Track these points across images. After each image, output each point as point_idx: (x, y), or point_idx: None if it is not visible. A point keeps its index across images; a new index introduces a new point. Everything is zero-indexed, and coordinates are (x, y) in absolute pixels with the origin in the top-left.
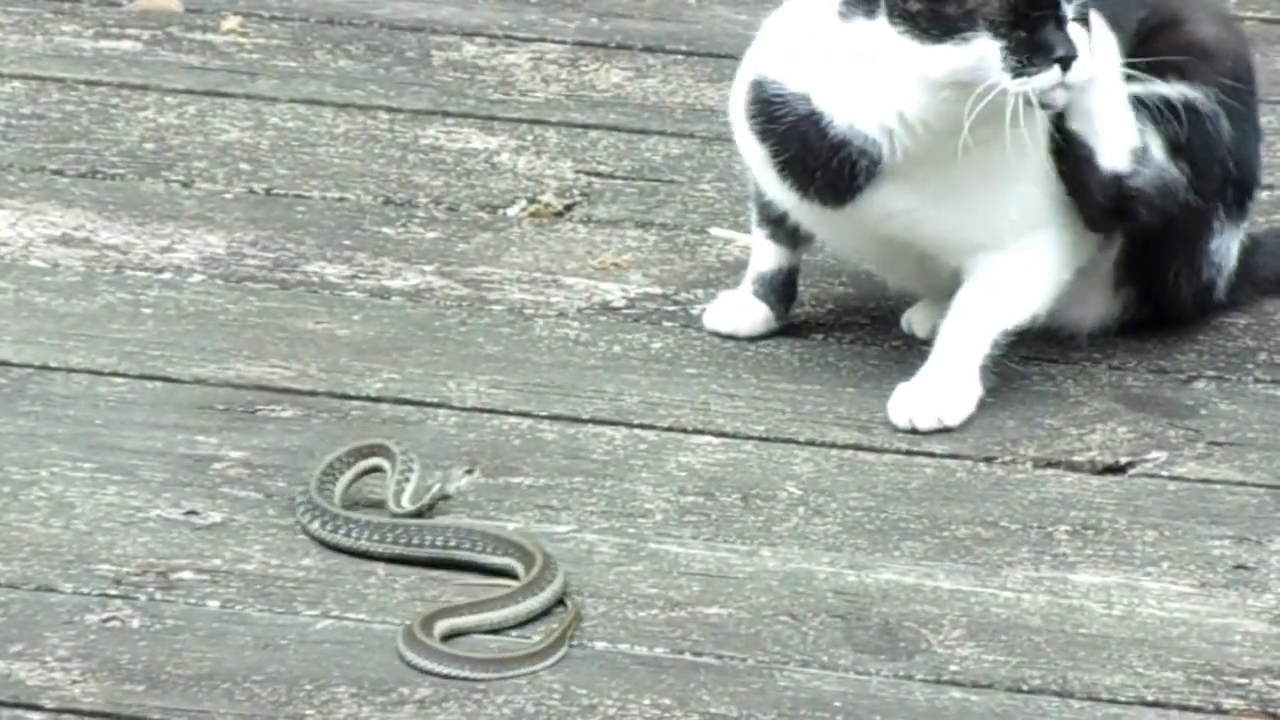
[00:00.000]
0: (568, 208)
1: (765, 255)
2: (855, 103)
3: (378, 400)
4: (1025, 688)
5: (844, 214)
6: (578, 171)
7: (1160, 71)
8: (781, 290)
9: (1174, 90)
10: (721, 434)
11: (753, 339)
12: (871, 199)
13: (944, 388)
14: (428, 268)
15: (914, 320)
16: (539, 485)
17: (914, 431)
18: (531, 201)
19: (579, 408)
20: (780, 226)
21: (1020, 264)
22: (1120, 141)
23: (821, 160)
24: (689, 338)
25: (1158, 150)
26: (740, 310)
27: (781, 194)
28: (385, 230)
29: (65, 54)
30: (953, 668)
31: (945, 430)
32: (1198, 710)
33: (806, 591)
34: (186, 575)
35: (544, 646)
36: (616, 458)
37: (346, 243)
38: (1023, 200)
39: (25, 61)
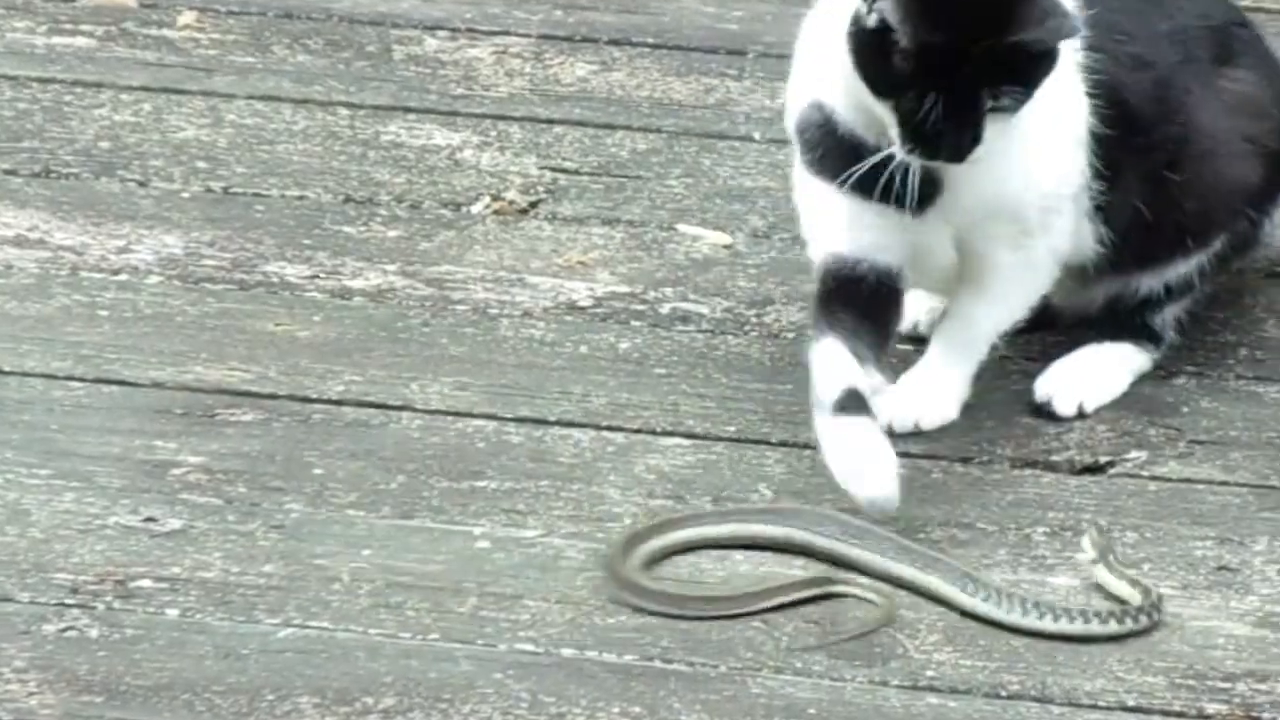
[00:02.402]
0: (532, 205)
1: (840, 373)
2: (846, 100)
3: (339, 403)
4: (1004, 693)
5: (923, 222)
6: (542, 168)
7: None
8: (862, 403)
9: None
10: (691, 435)
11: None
12: (941, 205)
13: (927, 390)
14: (390, 267)
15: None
16: (505, 489)
17: (892, 434)
18: (495, 199)
19: (545, 409)
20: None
21: (1027, 256)
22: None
23: (868, 164)
24: (657, 337)
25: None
26: (875, 463)
27: (865, 222)
28: (346, 229)
29: (17, 51)
30: (929, 673)
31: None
32: (1180, 715)
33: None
34: (145, 583)
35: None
36: (584, 460)
37: (306, 242)
38: (1056, 173)
39: None
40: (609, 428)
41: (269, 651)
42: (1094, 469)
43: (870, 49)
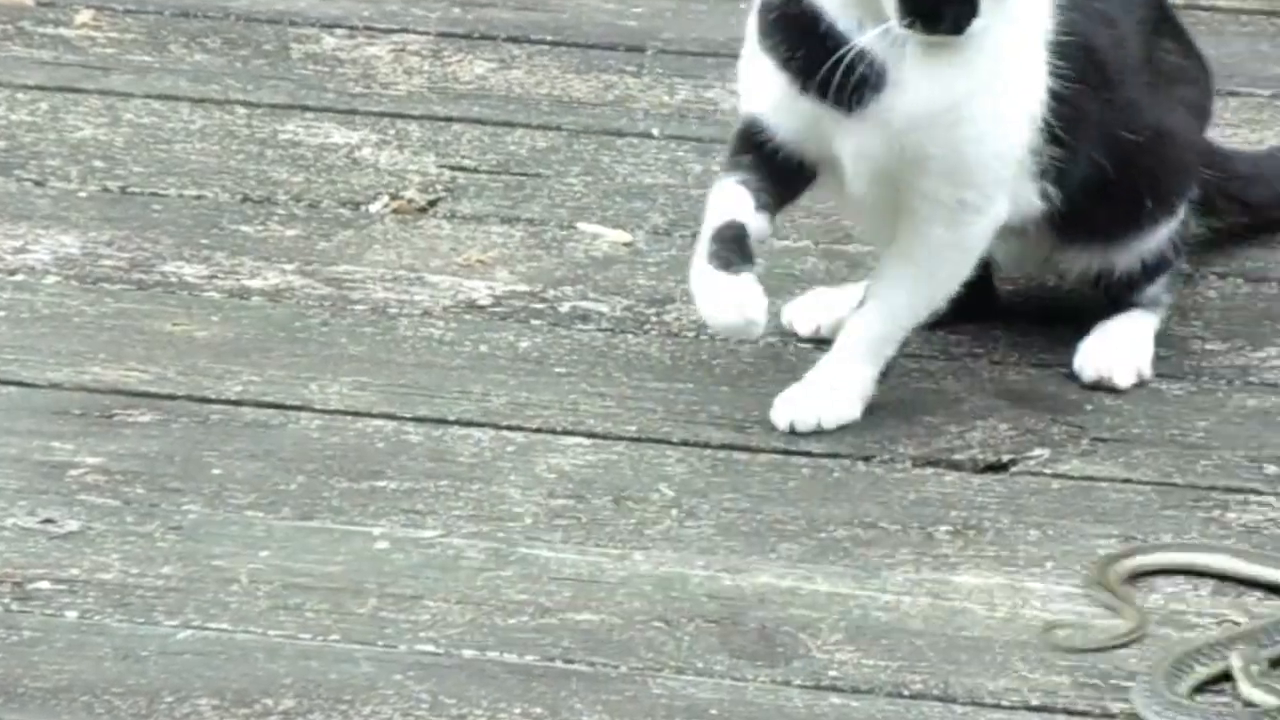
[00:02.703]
0: (431, 203)
1: (727, 207)
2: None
3: (238, 404)
4: (907, 693)
5: (858, 123)
6: (441, 166)
7: None
8: (739, 249)
9: None
10: (592, 435)
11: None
12: (883, 103)
13: (831, 389)
14: (288, 266)
15: (794, 318)
16: (404, 489)
17: (793, 433)
18: (394, 197)
19: (445, 409)
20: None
21: (960, 235)
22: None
23: (825, 52)
24: (557, 336)
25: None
26: (731, 289)
27: (797, 109)
28: (244, 228)
29: None
30: (832, 673)
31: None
32: (1084, 714)
33: (680, 596)
34: (43, 585)
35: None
36: (484, 460)
37: (204, 242)
38: (1007, 136)
39: None
40: (509, 427)
41: (168, 653)
42: (996, 467)
43: None
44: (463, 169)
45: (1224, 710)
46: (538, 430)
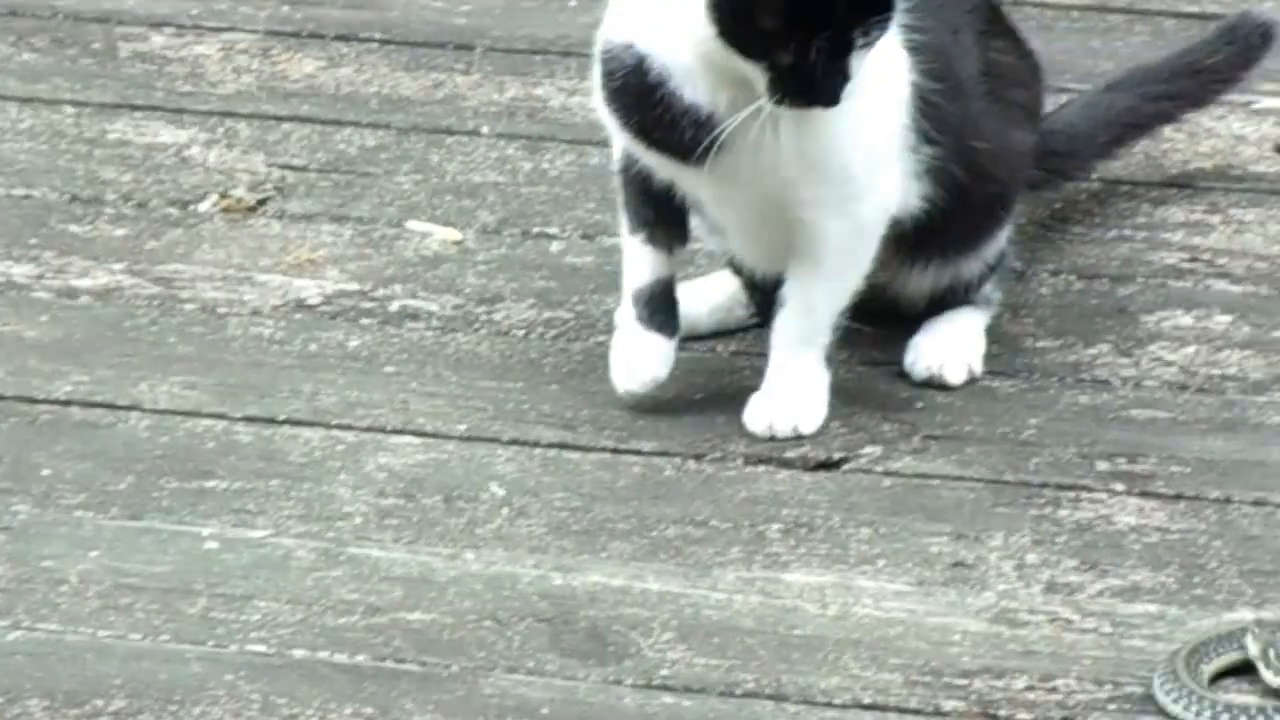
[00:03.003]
0: (261, 202)
1: (642, 268)
2: (683, 57)
3: (67, 403)
4: (738, 691)
5: (710, 174)
6: (270, 165)
7: None
8: (665, 306)
9: None
10: (422, 434)
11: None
12: (744, 160)
13: (797, 391)
14: (117, 266)
15: None
16: (234, 489)
17: (773, 439)
18: (223, 196)
19: (275, 408)
20: (656, 219)
21: (854, 223)
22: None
23: (672, 116)
24: (387, 335)
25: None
26: (644, 351)
27: (650, 157)
28: (72, 228)
29: None
30: (663, 672)
31: (800, 437)
32: (916, 712)
33: (511, 595)
34: None
35: None
36: (314, 459)
37: (32, 241)
38: (879, 127)
39: None
40: (339, 426)
41: None
42: (828, 465)
43: (735, 10)
44: (292, 168)
45: (1242, 701)
46: (368, 429)
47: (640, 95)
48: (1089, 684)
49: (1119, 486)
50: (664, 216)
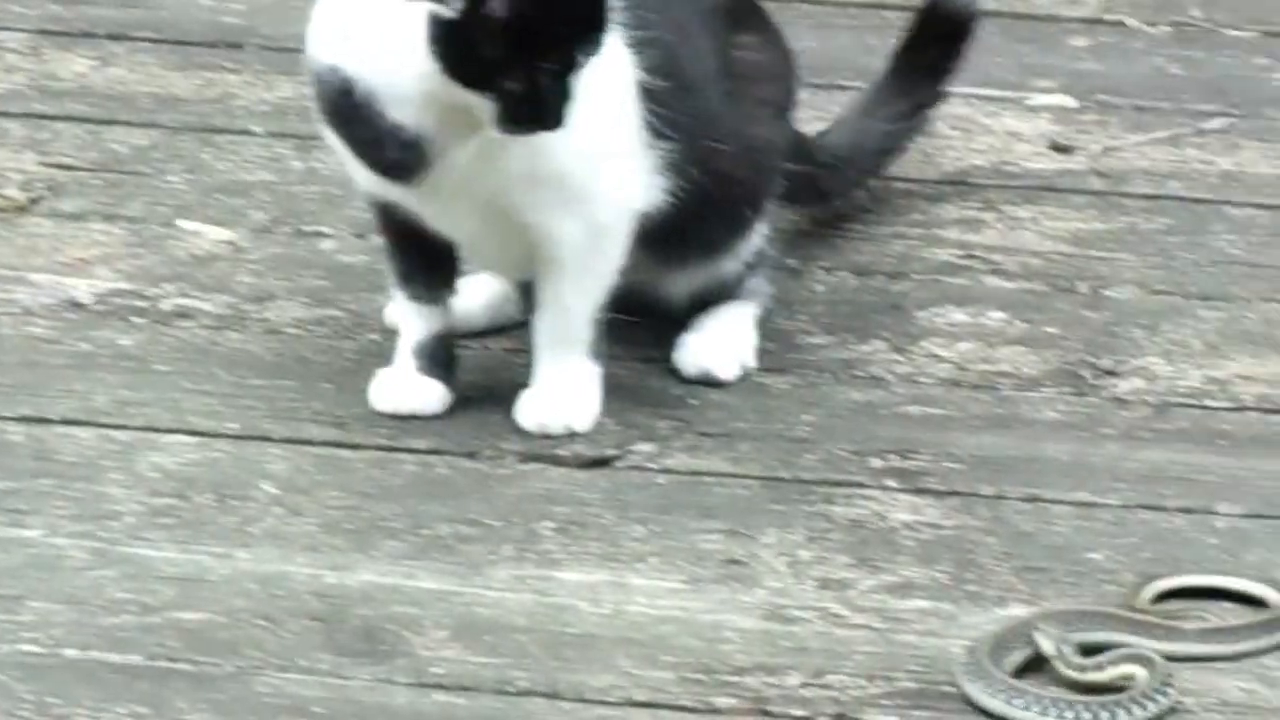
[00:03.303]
0: (32, 202)
1: (415, 324)
2: (396, 84)
3: None
4: (512, 689)
5: (428, 191)
6: (41, 164)
7: None
8: (444, 358)
9: None
10: (194, 433)
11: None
12: (444, 172)
13: (567, 389)
14: None
15: (397, 317)
16: (6, 489)
17: (546, 437)
18: None
19: (47, 408)
20: (419, 274)
21: (592, 222)
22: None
23: (382, 138)
24: (159, 334)
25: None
26: (415, 388)
27: (370, 182)
28: None
29: None
30: (436, 670)
31: (573, 435)
32: (690, 710)
33: (284, 594)
34: None
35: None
36: (87, 459)
37: None
38: (601, 131)
39: None
40: (111, 425)
41: None
42: (601, 462)
43: (457, 42)
44: (63, 167)
45: (1046, 690)
46: (140, 429)
47: (352, 117)
48: (861, 680)
49: (892, 483)
50: (427, 270)
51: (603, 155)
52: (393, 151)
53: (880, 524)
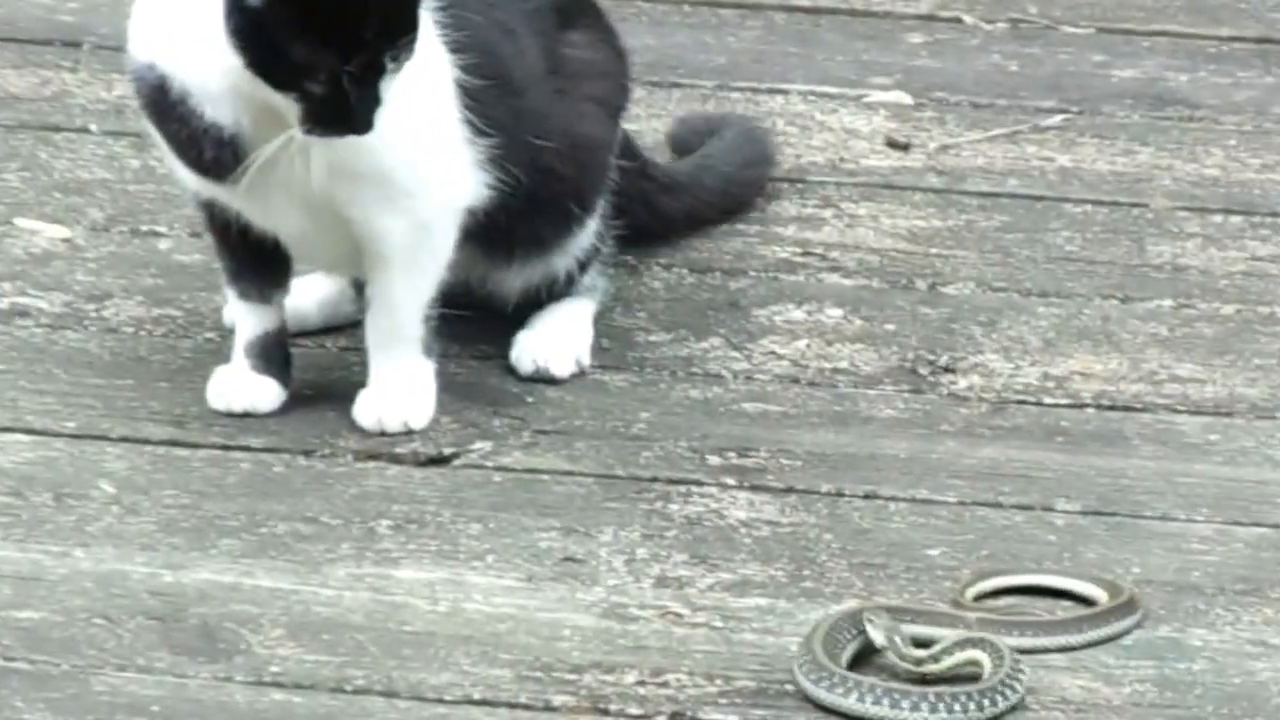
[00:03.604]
0: None
1: (248, 322)
2: (208, 80)
3: None
4: (349, 688)
5: (249, 190)
6: None
7: None
8: (278, 356)
9: None
10: (31, 431)
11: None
12: (260, 171)
13: (403, 387)
14: None
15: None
16: None
17: (383, 435)
18: None
19: None
20: (247, 273)
21: (416, 219)
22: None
23: (197, 135)
24: None
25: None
26: (249, 386)
27: (193, 180)
28: None
29: None
30: (274, 668)
31: (411, 433)
32: (527, 708)
33: (122, 593)
34: None
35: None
36: None
37: None
38: (418, 130)
39: None
40: None
41: None
42: (438, 460)
43: (263, 40)
44: None
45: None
46: None
47: (168, 114)
48: (700, 678)
49: (730, 480)
50: (257, 268)
51: (423, 152)
52: (210, 149)
53: (718, 522)
